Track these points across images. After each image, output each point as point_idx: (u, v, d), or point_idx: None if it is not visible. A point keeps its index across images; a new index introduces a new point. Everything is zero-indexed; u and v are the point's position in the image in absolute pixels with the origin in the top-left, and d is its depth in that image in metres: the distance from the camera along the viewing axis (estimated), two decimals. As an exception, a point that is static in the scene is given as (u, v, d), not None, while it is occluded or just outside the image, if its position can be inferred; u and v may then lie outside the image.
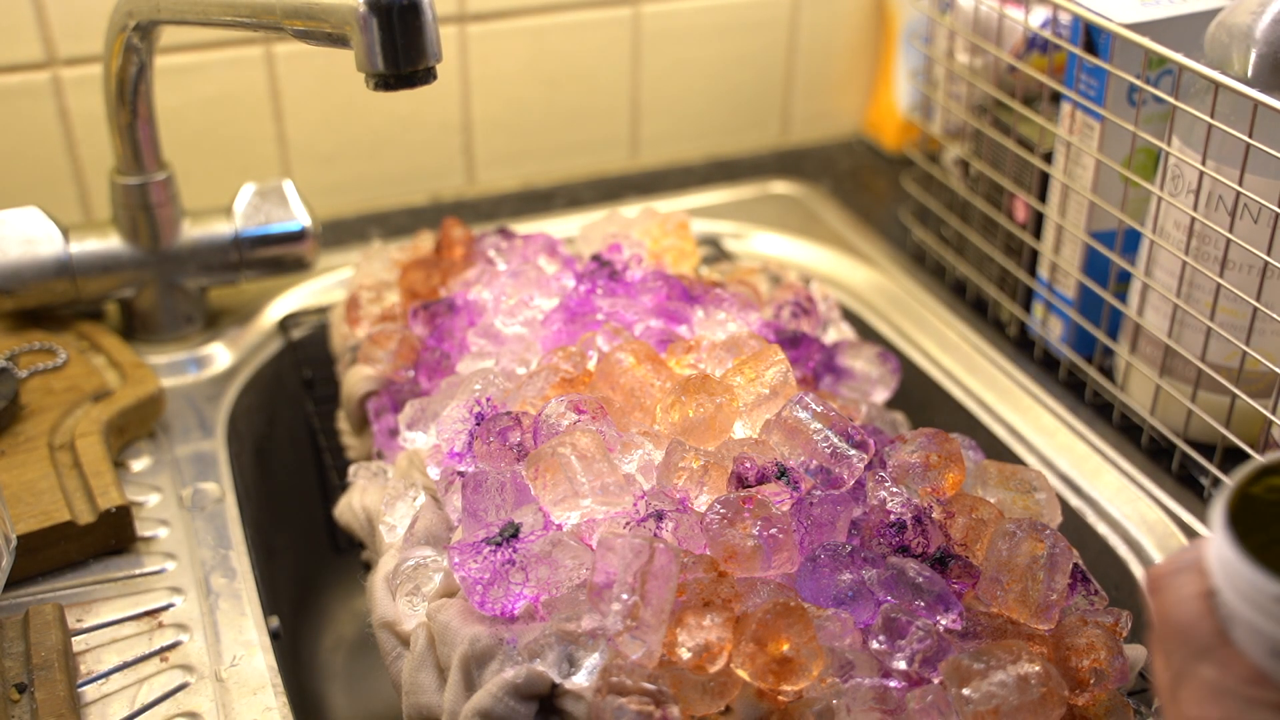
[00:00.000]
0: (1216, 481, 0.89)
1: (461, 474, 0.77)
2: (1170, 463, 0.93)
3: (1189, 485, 0.91)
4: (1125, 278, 0.96)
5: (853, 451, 0.73)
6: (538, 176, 1.37)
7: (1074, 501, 0.92)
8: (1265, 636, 0.45)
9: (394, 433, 0.88)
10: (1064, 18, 0.95)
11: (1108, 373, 1.01)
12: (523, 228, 1.15)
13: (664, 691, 0.61)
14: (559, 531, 0.69)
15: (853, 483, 0.73)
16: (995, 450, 0.98)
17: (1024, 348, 1.08)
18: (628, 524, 0.69)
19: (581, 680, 0.63)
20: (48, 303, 1.02)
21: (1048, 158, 1.01)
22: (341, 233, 1.24)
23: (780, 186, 1.35)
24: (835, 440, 0.73)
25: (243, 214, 1.05)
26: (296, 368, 1.07)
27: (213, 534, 0.87)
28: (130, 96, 0.96)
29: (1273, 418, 0.81)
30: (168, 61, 1.16)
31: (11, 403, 0.90)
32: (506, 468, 0.74)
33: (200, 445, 0.95)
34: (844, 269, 1.20)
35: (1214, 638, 0.46)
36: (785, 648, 0.62)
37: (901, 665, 0.64)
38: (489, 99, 1.30)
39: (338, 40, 0.79)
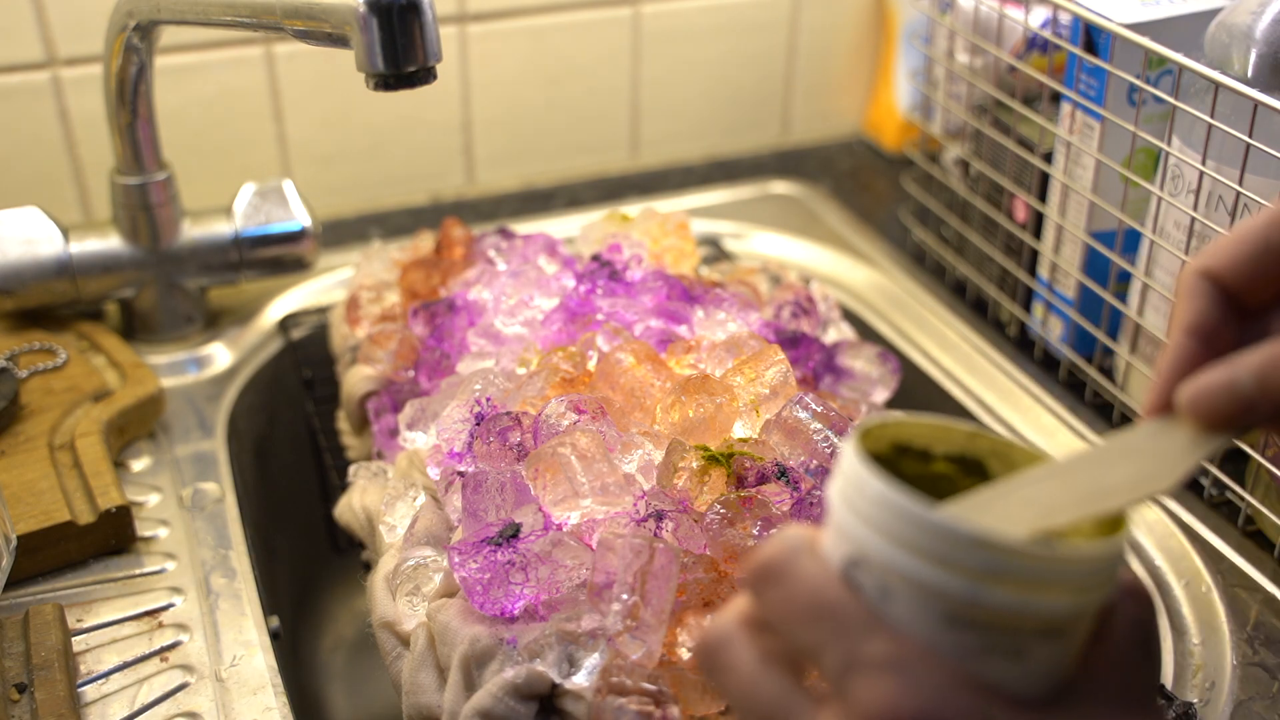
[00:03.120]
0: (1216, 481, 0.89)
1: (461, 474, 0.76)
2: (1170, 463, 0.92)
3: (1189, 485, 0.91)
4: (1125, 278, 0.96)
5: (853, 451, 0.73)
6: (538, 176, 1.37)
7: (1074, 501, 0.91)
8: (936, 598, 0.39)
9: (394, 433, 0.88)
10: (1064, 18, 0.95)
11: (1108, 373, 1.01)
12: (523, 228, 1.15)
13: (664, 691, 0.61)
14: (559, 531, 0.69)
15: (853, 483, 0.73)
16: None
17: (1024, 348, 1.08)
18: (628, 524, 0.69)
19: (581, 680, 0.63)
20: (48, 303, 1.02)
21: (1048, 158, 1.01)
22: (341, 233, 1.24)
23: (780, 186, 1.35)
24: (835, 440, 0.73)
25: (243, 214, 1.05)
26: (296, 368, 1.07)
27: (213, 534, 0.87)
28: (130, 96, 0.96)
29: (1273, 418, 0.81)
30: (168, 61, 1.16)
31: (11, 403, 0.90)
32: (506, 468, 0.74)
33: (200, 445, 0.95)
34: (844, 269, 1.20)
35: (868, 616, 0.40)
36: (785, 648, 0.62)
37: (901, 665, 0.64)
38: (489, 99, 1.30)
39: (338, 40, 0.79)
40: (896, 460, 0.46)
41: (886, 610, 0.40)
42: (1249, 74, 0.81)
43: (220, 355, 1.06)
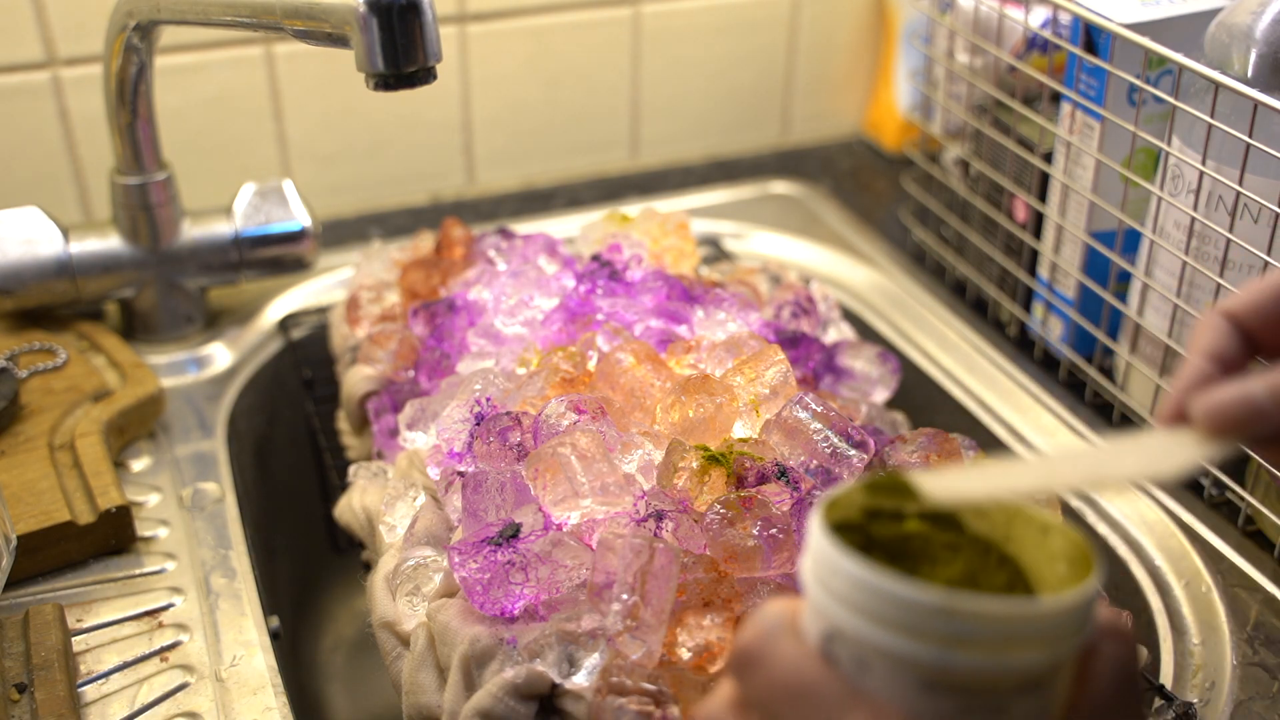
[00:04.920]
0: (1217, 481, 0.89)
1: (461, 474, 0.77)
2: (1170, 463, 0.92)
3: (1189, 485, 0.91)
4: (1125, 278, 0.96)
5: (853, 451, 0.73)
6: (538, 176, 1.37)
7: (1074, 502, 0.92)
8: (911, 667, 0.40)
9: (394, 433, 0.88)
10: (1064, 18, 0.95)
11: (1108, 373, 1.01)
12: (523, 228, 1.15)
13: (664, 691, 0.61)
14: (559, 531, 0.69)
15: (853, 483, 0.73)
16: (995, 450, 0.98)
17: (1024, 348, 1.08)
18: (628, 524, 0.69)
19: (581, 680, 0.63)
20: (48, 303, 1.02)
21: (1048, 158, 1.01)
22: (341, 233, 1.24)
23: (780, 186, 1.35)
24: (835, 440, 0.73)
25: (243, 214, 1.05)
26: (296, 368, 1.07)
27: (213, 534, 0.87)
28: (130, 96, 0.96)
29: (1273, 418, 0.81)
30: (168, 61, 1.16)
31: (11, 403, 0.90)
32: (506, 468, 0.74)
33: (200, 445, 0.95)
34: (844, 269, 1.20)
35: (848, 690, 0.41)
36: (785, 648, 0.62)
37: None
38: (489, 99, 1.30)
39: (338, 40, 0.79)
40: (867, 525, 0.46)
41: (865, 682, 0.41)
42: (1249, 74, 0.81)
43: (220, 355, 1.06)
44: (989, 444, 0.99)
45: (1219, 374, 0.49)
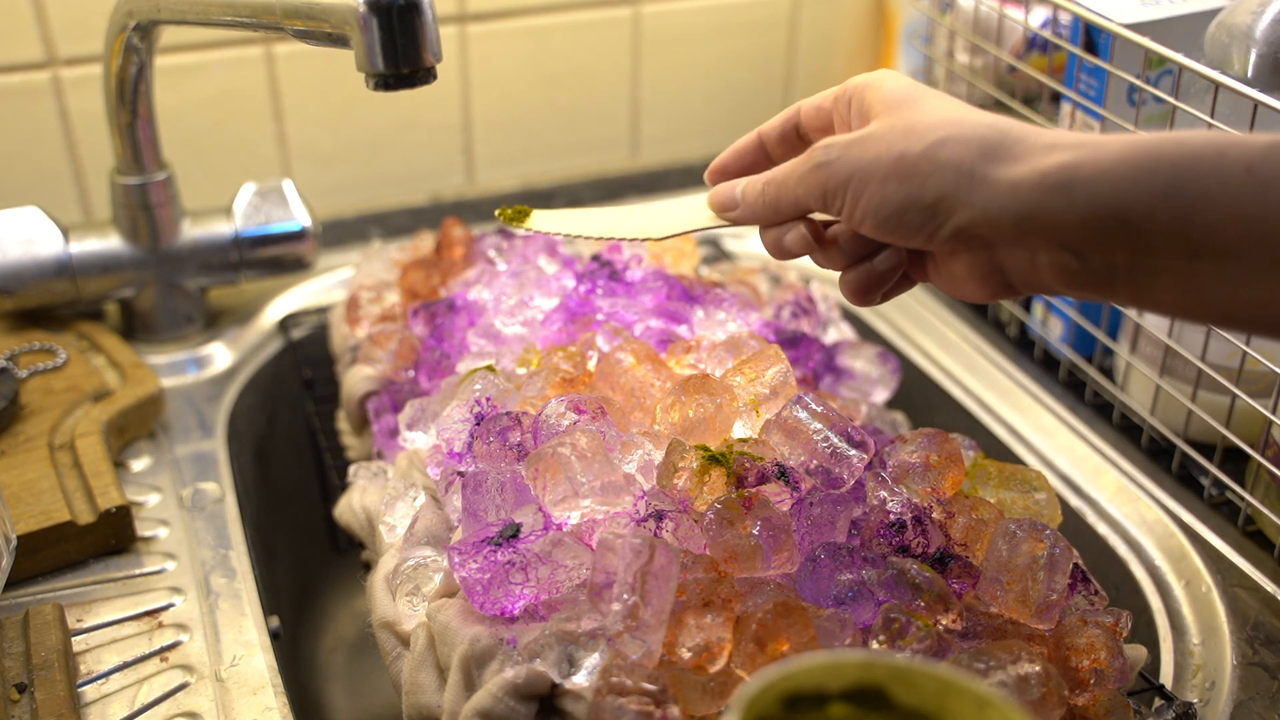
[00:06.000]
0: (1217, 481, 0.89)
1: (461, 474, 0.76)
2: (1170, 463, 0.93)
3: (1189, 485, 0.91)
4: (1125, 278, 0.96)
5: (853, 451, 0.73)
6: (538, 176, 1.37)
7: (1074, 501, 0.92)
8: None
9: (394, 433, 0.88)
10: (1064, 18, 0.95)
11: (1108, 373, 1.01)
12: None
13: (664, 691, 0.61)
14: (559, 531, 0.69)
15: (853, 483, 0.73)
16: (995, 450, 0.98)
17: (1024, 348, 1.08)
18: (628, 524, 0.69)
19: (581, 680, 0.63)
20: (48, 303, 1.02)
21: (1048, 158, 1.01)
22: (341, 233, 1.24)
23: (780, 186, 1.35)
24: (835, 440, 0.73)
25: (243, 214, 1.05)
26: (296, 368, 1.07)
27: (213, 534, 0.87)
28: (130, 96, 0.96)
29: (1273, 418, 0.81)
30: (168, 61, 1.16)
31: (11, 403, 0.90)
32: (506, 468, 0.74)
33: (200, 445, 0.95)
34: (844, 269, 1.20)
35: None
36: (785, 648, 0.62)
37: (901, 665, 0.64)
38: (489, 99, 1.30)
39: (338, 40, 0.79)
40: (787, 719, 0.44)
41: None
42: (1249, 74, 0.81)
43: (220, 355, 1.06)
44: (989, 444, 0.99)
45: (757, 147, 0.73)
